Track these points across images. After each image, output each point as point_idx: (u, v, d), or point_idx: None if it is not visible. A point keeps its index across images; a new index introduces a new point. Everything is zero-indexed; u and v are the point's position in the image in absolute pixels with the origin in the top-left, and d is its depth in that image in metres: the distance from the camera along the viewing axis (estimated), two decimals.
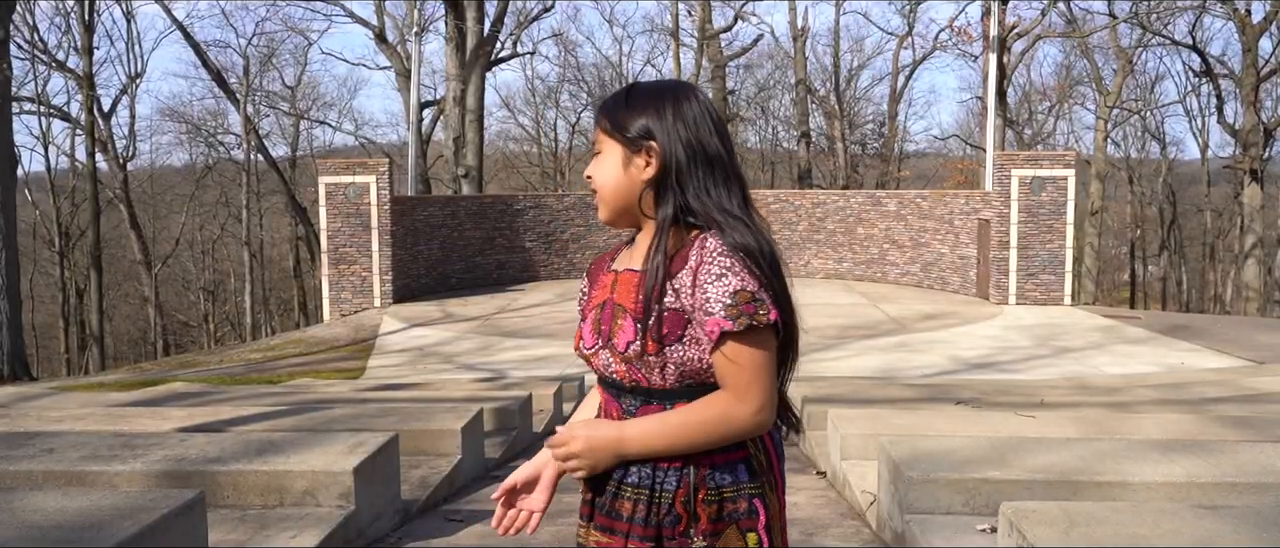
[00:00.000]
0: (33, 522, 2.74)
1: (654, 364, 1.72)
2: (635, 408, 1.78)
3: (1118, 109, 35.52)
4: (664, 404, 1.75)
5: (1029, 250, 18.01)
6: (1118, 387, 9.15)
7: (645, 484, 1.75)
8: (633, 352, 1.74)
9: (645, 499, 1.75)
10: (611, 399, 1.83)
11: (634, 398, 1.78)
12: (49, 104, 34.65)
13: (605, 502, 1.79)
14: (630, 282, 1.79)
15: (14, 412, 6.58)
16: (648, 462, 1.75)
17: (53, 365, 35.30)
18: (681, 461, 1.73)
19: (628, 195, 1.81)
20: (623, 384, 1.79)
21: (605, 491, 1.79)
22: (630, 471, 1.76)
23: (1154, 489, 3.65)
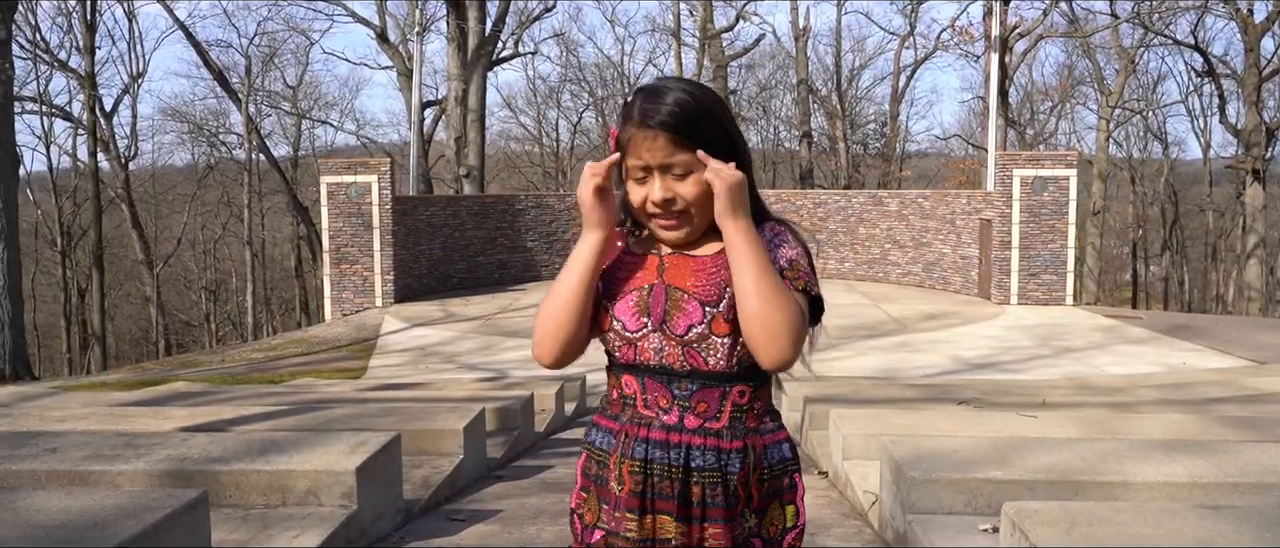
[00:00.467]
0: (36, 521, 2.75)
1: (718, 346, 1.75)
2: (692, 393, 1.77)
3: (1120, 109, 35.51)
4: (722, 387, 1.77)
5: (1031, 250, 18.01)
6: (1120, 387, 9.14)
7: (713, 467, 1.76)
8: (695, 334, 1.75)
9: (718, 482, 1.76)
10: (658, 386, 1.79)
11: (691, 382, 1.77)
12: (51, 104, 34.69)
13: (665, 489, 1.77)
14: (687, 266, 1.80)
15: (16, 411, 6.58)
16: (712, 447, 1.76)
17: (55, 365, 35.34)
18: (742, 441, 1.77)
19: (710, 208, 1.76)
20: (675, 370, 1.77)
21: (660, 478, 1.77)
22: (694, 456, 1.76)
23: (1156, 490, 3.65)
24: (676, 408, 1.78)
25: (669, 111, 1.74)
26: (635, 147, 1.77)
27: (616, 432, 1.84)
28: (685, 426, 1.78)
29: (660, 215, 1.79)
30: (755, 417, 1.82)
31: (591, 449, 1.89)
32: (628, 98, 1.83)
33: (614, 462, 1.82)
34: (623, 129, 1.81)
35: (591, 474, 1.88)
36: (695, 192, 1.76)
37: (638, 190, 1.79)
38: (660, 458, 1.77)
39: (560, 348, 1.80)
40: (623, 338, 1.81)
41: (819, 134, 40.36)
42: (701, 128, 1.76)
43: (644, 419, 1.81)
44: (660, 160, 1.75)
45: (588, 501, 1.88)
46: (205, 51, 31.33)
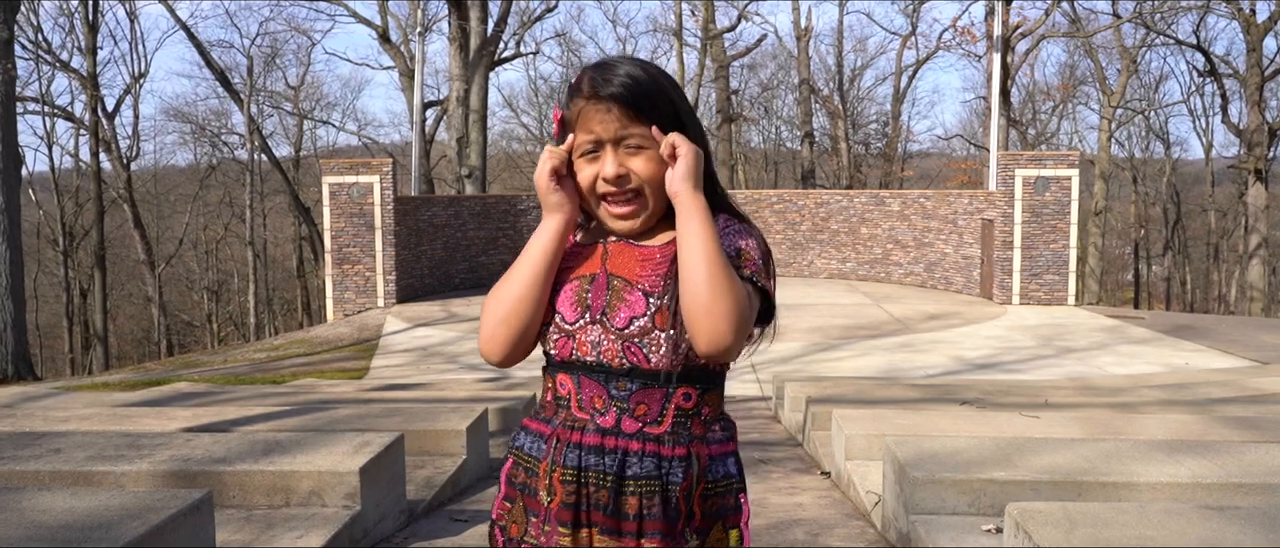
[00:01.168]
0: (41, 522, 2.75)
1: (660, 341, 1.61)
2: (630, 393, 1.62)
3: (1122, 109, 35.53)
4: (665, 388, 1.62)
5: (1033, 250, 18.00)
6: (1122, 387, 9.14)
7: (653, 475, 1.61)
8: (636, 327, 1.61)
9: (657, 492, 1.60)
10: (594, 385, 1.63)
11: (630, 381, 1.62)
12: (53, 104, 34.70)
13: (601, 500, 1.61)
14: (632, 255, 1.67)
15: (20, 412, 6.59)
16: (651, 453, 1.61)
17: (57, 365, 35.35)
18: (686, 448, 1.62)
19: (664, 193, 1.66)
20: (613, 368, 1.62)
21: (595, 487, 1.61)
22: (630, 463, 1.61)
23: (1159, 490, 3.66)
24: (614, 410, 1.62)
25: (621, 83, 1.63)
26: (586, 120, 1.64)
27: (547, 436, 1.67)
28: (622, 429, 1.62)
29: (613, 195, 1.66)
30: (702, 423, 1.66)
31: (518, 455, 1.72)
32: (572, 81, 1.72)
33: (543, 470, 1.65)
34: (569, 106, 1.68)
35: (517, 483, 1.71)
36: (649, 169, 1.64)
37: (587, 169, 1.66)
38: (594, 464, 1.62)
39: (512, 343, 1.66)
40: (560, 331, 1.66)
41: (821, 134, 40.38)
42: (655, 102, 1.64)
43: (577, 422, 1.65)
44: (613, 133, 1.63)
45: (512, 511, 1.71)
46: (207, 52, 31.38)
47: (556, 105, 1.74)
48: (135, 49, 49.59)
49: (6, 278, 17.30)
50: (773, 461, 6.00)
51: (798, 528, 4.33)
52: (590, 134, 1.65)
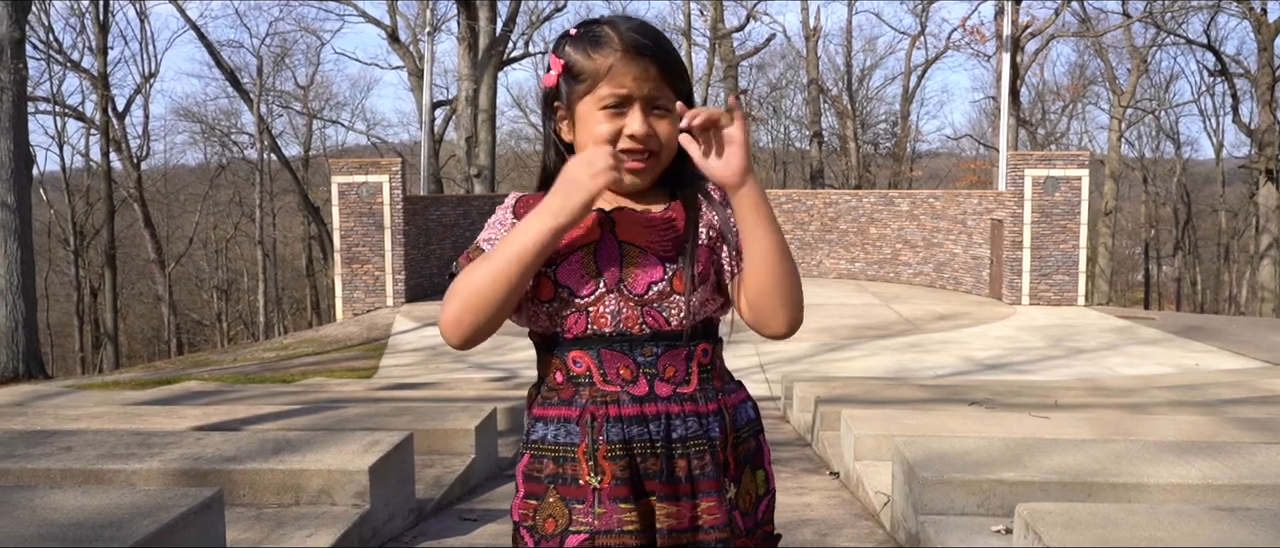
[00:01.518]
0: (53, 520, 2.76)
1: (679, 303, 1.60)
2: (656, 357, 1.61)
3: (1132, 109, 35.42)
4: (687, 347, 1.62)
5: (1042, 251, 17.96)
6: (1132, 388, 9.12)
7: (698, 435, 1.61)
8: (656, 292, 1.60)
9: (706, 450, 1.60)
10: (617, 355, 1.60)
11: (654, 345, 1.60)
12: (64, 104, 34.89)
13: (652, 468, 1.59)
14: (638, 220, 1.64)
15: (31, 410, 6.62)
16: (691, 413, 1.60)
17: (67, 364, 35.49)
18: (715, 402, 1.63)
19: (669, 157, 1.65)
20: (634, 334, 1.60)
21: (643, 457, 1.59)
22: (675, 426, 1.59)
23: (1170, 491, 3.64)
24: (643, 377, 1.60)
25: (662, 44, 1.62)
26: (616, 75, 1.59)
27: (577, 418, 1.60)
28: (657, 394, 1.60)
29: (633, 152, 1.61)
30: (720, 377, 1.67)
31: (541, 447, 1.64)
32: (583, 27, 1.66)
33: (583, 453, 1.59)
34: (591, 56, 1.61)
35: (545, 475, 1.62)
36: (670, 132, 1.62)
37: (606, 123, 1.60)
38: (639, 435, 1.59)
39: (478, 331, 1.58)
40: (572, 307, 1.61)
41: (829, 134, 40.32)
42: (683, 70, 1.64)
43: (608, 396, 1.60)
44: (648, 91, 1.60)
45: (543, 508, 1.62)
46: (217, 52, 31.51)
47: (559, 54, 1.66)
48: (145, 49, 49.65)
49: (18, 277, 17.37)
50: (781, 461, 5.99)
51: (806, 528, 4.33)
52: (621, 89, 1.60)
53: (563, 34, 1.68)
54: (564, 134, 1.69)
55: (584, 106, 1.63)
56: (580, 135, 1.65)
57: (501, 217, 1.70)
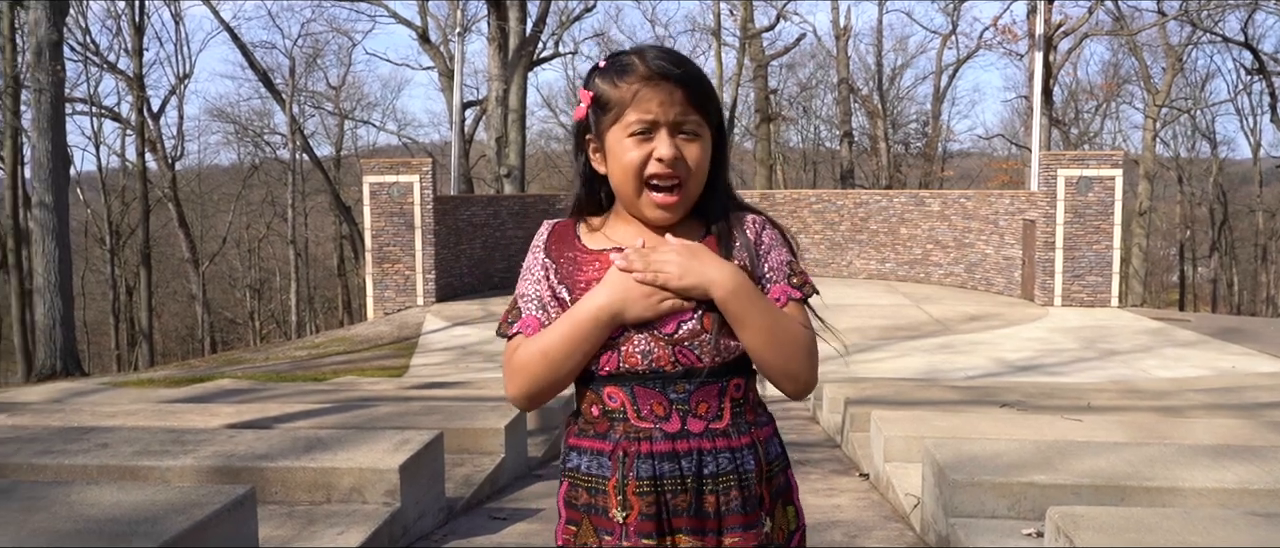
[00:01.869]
0: (89, 516, 2.80)
1: (707, 343, 1.61)
2: (689, 394, 1.62)
3: (1167, 108, 34.98)
4: (720, 383, 1.64)
5: (1075, 251, 17.79)
6: (1167, 391, 9.02)
7: (729, 471, 1.63)
8: (686, 331, 1.61)
9: (734, 485, 1.62)
10: (650, 393, 1.62)
11: (687, 382, 1.62)
12: (100, 105, 35.31)
13: (681, 505, 1.61)
14: None
15: (68, 407, 6.71)
16: (723, 449, 1.62)
17: (103, 361, 35.93)
18: (748, 437, 1.65)
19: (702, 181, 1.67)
20: (667, 372, 1.61)
21: (673, 493, 1.61)
22: (706, 463, 1.61)
23: (1205, 496, 3.60)
24: (676, 414, 1.62)
25: (687, 68, 1.63)
26: (641, 101, 1.61)
27: (610, 452, 1.64)
28: (690, 431, 1.62)
29: (661, 178, 1.63)
30: (753, 410, 1.69)
31: (576, 477, 1.68)
32: (610, 59, 1.68)
33: (613, 487, 1.63)
34: (617, 85, 1.63)
35: (580, 505, 1.67)
36: (698, 158, 1.64)
37: (634, 150, 1.62)
38: (670, 472, 1.61)
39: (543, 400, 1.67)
40: (604, 344, 1.63)
41: (860, 134, 40.12)
42: (711, 93, 1.66)
43: (641, 432, 1.62)
44: (674, 116, 1.62)
45: (582, 533, 1.67)
46: (250, 53, 31.76)
47: (588, 86, 1.69)
48: (180, 50, 50.42)
49: (55, 276, 17.62)
50: (811, 462, 5.97)
51: (836, 530, 4.32)
52: (647, 114, 1.62)
53: (592, 67, 1.70)
54: (598, 166, 1.71)
55: (613, 136, 1.65)
56: (611, 165, 1.68)
57: (534, 263, 1.73)
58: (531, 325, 1.68)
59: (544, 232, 1.76)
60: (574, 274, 1.69)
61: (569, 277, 1.69)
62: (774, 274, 1.69)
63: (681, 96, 1.62)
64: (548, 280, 1.70)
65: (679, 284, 1.59)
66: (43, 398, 8.66)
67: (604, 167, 1.70)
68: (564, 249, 1.72)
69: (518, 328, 1.69)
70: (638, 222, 1.70)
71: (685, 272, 1.59)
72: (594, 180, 1.73)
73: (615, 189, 1.70)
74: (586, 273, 1.68)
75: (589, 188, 1.73)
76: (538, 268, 1.72)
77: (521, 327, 1.69)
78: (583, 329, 1.61)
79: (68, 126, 19.99)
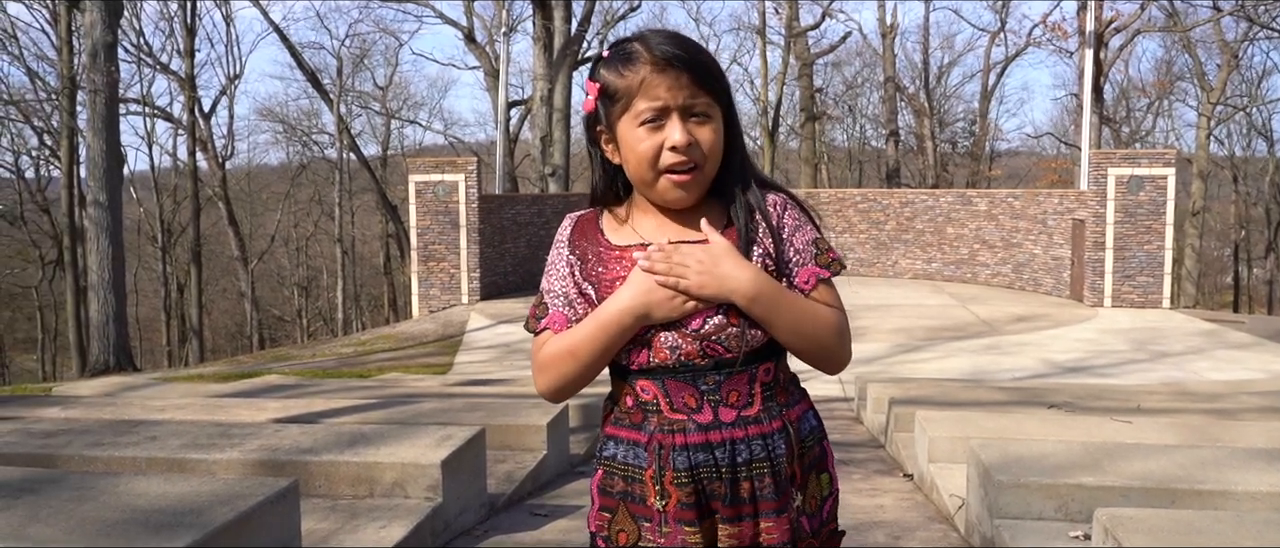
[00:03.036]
0: (138, 506, 2.84)
1: (735, 335, 1.62)
2: (719, 385, 1.63)
3: (1221, 106, 34.31)
4: (749, 371, 1.65)
5: (1126, 252, 17.51)
6: (1220, 393, 8.83)
7: (762, 457, 1.64)
8: (712, 326, 1.62)
9: (767, 472, 1.64)
10: (681, 385, 1.64)
11: (716, 374, 1.63)
12: (153, 105, 35.90)
13: (717, 491, 1.63)
14: None
15: (119, 401, 6.82)
16: (755, 436, 1.63)
17: (155, 357, 36.56)
18: (779, 420, 1.66)
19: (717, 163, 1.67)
20: (696, 365, 1.62)
21: (710, 480, 1.63)
22: (740, 450, 1.63)
23: (1259, 500, 3.51)
24: (707, 404, 1.64)
25: (691, 51, 1.61)
26: (649, 88, 1.59)
27: (645, 443, 1.66)
28: (722, 420, 1.64)
29: (677, 165, 1.62)
30: (784, 391, 1.70)
31: (612, 465, 1.70)
32: (614, 48, 1.66)
33: (650, 477, 1.65)
34: (623, 74, 1.61)
35: (615, 492, 1.69)
36: (712, 140, 1.63)
37: (648, 139, 1.61)
38: (705, 462, 1.63)
39: (568, 395, 1.72)
40: (633, 341, 1.65)
41: (906, 132, 39.80)
42: (717, 73, 1.63)
43: (675, 425, 1.64)
44: (683, 100, 1.60)
45: (617, 521, 1.69)
46: (299, 53, 32.12)
47: (594, 78, 1.67)
48: (231, 51, 51.23)
49: (109, 273, 17.95)
50: (854, 462, 5.93)
51: (878, 530, 4.27)
52: (656, 101, 1.60)
53: (595, 58, 1.69)
54: (611, 157, 1.71)
55: (624, 125, 1.64)
56: (625, 155, 1.67)
57: (557, 259, 1.75)
58: (559, 321, 1.70)
59: (567, 226, 1.78)
60: (599, 271, 1.69)
61: (593, 273, 1.70)
62: (801, 256, 1.69)
63: (689, 80, 1.60)
64: (573, 277, 1.71)
65: (699, 294, 1.60)
66: (95, 392, 8.82)
67: (618, 157, 1.69)
68: (588, 245, 1.73)
69: (545, 324, 1.72)
70: (656, 210, 1.70)
71: (704, 282, 1.60)
72: (610, 171, 1.72)
73: (631, 178, 1.69)
74: (611, 270, 1.68)
75: (606, 179, 1.73)
76: (562, 264, 1.73)
77: (549, 323, 1.71)
78: (609, 330, 1.63)
79: (121, 127, 20.34)
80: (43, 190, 33.64)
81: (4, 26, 29.81)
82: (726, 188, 1.70)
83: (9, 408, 6.11)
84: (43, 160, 33.43)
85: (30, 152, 33.79)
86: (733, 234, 1.67)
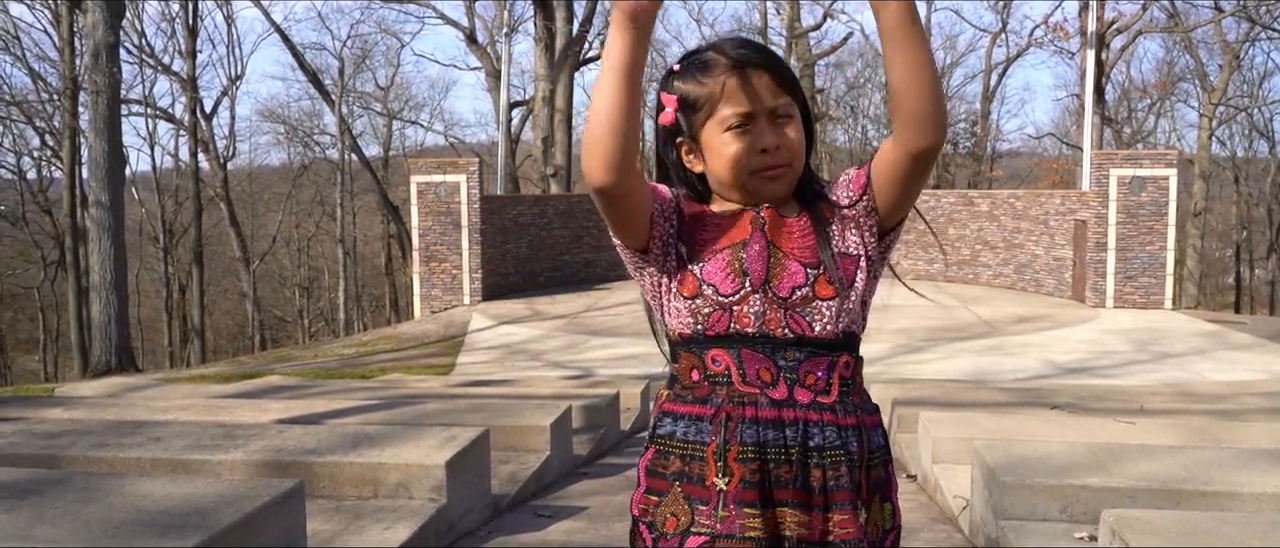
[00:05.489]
0: (143, 507, 2.84)
1: (824, 310, 1.58)
2: (799, 363, 1.57)
3: (1223, 106, 34.31)
4: (830, 356, 1.58)
5: (1128, 252, 17.50)
6: (1223, 394, 8.83)
7: (836, 446, 1.56)
8: (799, 296, 1.57)
9: (843, 461, 1.56)
10: (759, 357, 1.57)
11: (797, 351, 1.57)
12: (155, 106, 35.94)
13: (784, 475, 1.54)
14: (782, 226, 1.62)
15: (123, 402, 6.82)
16: (830, 423, 1.56)
17: (156, 358, 36.57)
18: (854, 418, 1.59)
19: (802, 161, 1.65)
20: (778, 337, 1.57)
21: (776, 463, 1.54)
22: (812, 434, 1.55)
23: (1265, 501, 3.51)
24: (784, 381, 1.56)
25: (769, 54, 1.62)
26: (732, 94, 1.58)
27: (712, 416, 1.57)
28: (797, 400, 1.56)
29: (770, 165, 1.60)
30: (858, 394, 1.63)
31: (668, 443, 1.61)
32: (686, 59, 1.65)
33: (712, 453, 1.55)
34: (702, 82, 1.60)
35: (670, 472, 1.59)
36: (798, 138, 1.62)
37: (734, 143, 1.58)
38: (774, 440, 1.54)
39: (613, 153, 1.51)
40: (714, 303, 1.58)
41: None
42: (794, 75, 1.65)
43: (747, 397, 1.56)
44: (769, 102, 1.59)
45: (666, 504, 1.59)
46: (300, 54, 32.17)
47: (668, 90, 1.65)
48: (232, 52, 51.25)
49: (111, 273, 17.96)
50: None
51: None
52: (743, 106, 1.58)
53: (667, 72, 1.67)
54: (691, 165, 1.68)
55: (708, 132, 1.62)
56: (711, 162, 1.64)
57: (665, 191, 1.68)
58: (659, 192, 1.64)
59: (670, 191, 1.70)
60: (697, 231, 1.64)
61: (691, 233, 1.64)
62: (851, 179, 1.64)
63: (770, 81, 1.60)
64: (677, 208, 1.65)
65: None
66: (98, 393, 8.82)
67: (700, 165, 1.66)
68: (691, 205, 1.68)
69: None
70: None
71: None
72: (692, 180, 1.69)
73: (718, 182, 1.65)
74: (708, 232, 1.63)
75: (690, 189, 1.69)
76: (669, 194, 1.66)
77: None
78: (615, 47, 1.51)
79: (123, 127, 20.36)
80: (45, 191, 33.68)
81: (6, 27, 29.87)
82: (803, 186, 1.68)
83: (12, 409, 6.12)
84: (45, 161, 33.49)
85: (32, 152, 33.86)
86: (807, 222, 1.64)
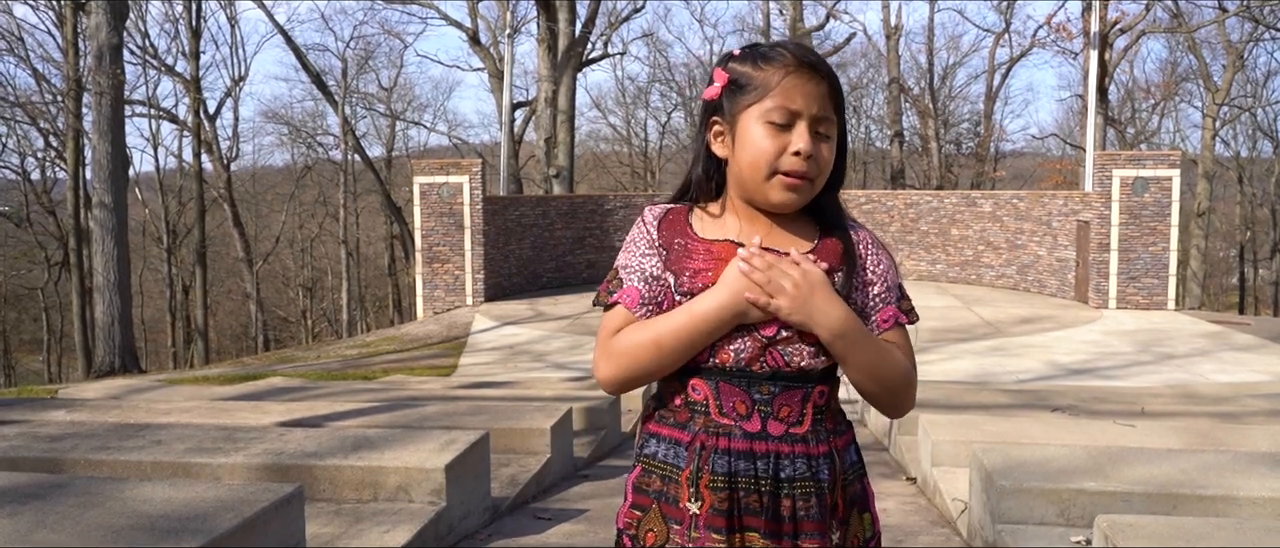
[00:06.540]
0: (143, 511, 2.86)
1: (803, 349, 1.61)
2: (773, 396, 1.61)
3: (1227, 106, 34.26)
4: (804, 388, 1.63)
5: (1131, 253, 17.49)
6: (1225, 396, 8.84)
7: (806, 476, 1.61)
8: (783, 335, 1.60)
9: (813, 492, 1.61)
10: (735, 390, 1.62)
11: (772, 385, 1.61)
12: (158, 107, 35.99)
13: (753, 504, 1.60)
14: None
15: (125, 403, 6.84)
16: (801, 454, 1.61)
17: (160, 359, 36.62)
18: (826, 445, 1.64)
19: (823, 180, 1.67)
20: (754, 372, 1.61)
21: (747, 492, 1.60)
22: (784, 466, 1.60)
23: (1261, 506, 3.52)
24: (758, 414, 1.61)
25: (831, 70, 1.62)
26: (785, 91, 1.59)
27: (687, 443, 1.63)
28: (769, 432, 1.61)
29: (796, 171, 1.61)
30: (832, 417, 1.67)
31: (650, 463, 1.67)
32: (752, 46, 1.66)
33: (686, 478, 1.61)
34: (760, 68, 1.61)
35: (651, 490, 1.66)
36: (829, 158, 1.63)
37: (769, 138, 1.60)
38: (746, 470, 1.60)
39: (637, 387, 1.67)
40: None
41: (911, 133, 39.77)
42: (844, 99, 1.66)
43: (721, 428, 1.62)
44: (818, 111, 1.60)
45: (647, 520, 1.66)
46: (303, 55, 32.16)
47: (724, 68, 1.66)
48: (236, 53, 51.37)
49: (114, 274, 17.99)
50: None
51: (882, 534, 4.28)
52: (792, 104, 1.60)
53: (726, 53, 1.68)
54: (718, 149, 1.68)
55: (747, 119, 1.62)
56: (739, 151, 1.65)
57: (640, 237, 1.71)
58: (633, 296, 1.66)
59: (656, 210, 1.73)
60: (682, 261, 1.66)
61: (677, 262, 1.66)
62: (884, 297, 1.70)
63: (824, 92, 1.61)
64: (657, 255, 1.67)
65: (787, 318, 1.59)
66: (101, 394, 8.84)
67: (726, 150, 1.67)
68: (674, 235, 1.69)
69: (618, 297, 1.67)
70: (749, 213, 1.68)
71: (796, 307, 1.58)
72: (712, 163, 1.70)
73: (737, 173, 1.66)
74: (696, 260, 1.65)
75: (707, 170, 1.70)
76: (644, 242, 1.69)
77: (622, 296, 1.67)
78: (701, 328, 1.60)
79: (127, 128, 20.39)
80: (48, 192, 33.75)
81: (10, 28, 29.93)
82: (821, 208, 1.70)
83: (15, 411, 6.14)
84: (48, 162, 33.56)
85: (36, 153, 33.94)
86: (824, 252, 1.67)
